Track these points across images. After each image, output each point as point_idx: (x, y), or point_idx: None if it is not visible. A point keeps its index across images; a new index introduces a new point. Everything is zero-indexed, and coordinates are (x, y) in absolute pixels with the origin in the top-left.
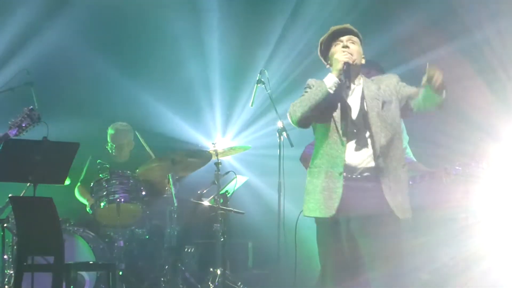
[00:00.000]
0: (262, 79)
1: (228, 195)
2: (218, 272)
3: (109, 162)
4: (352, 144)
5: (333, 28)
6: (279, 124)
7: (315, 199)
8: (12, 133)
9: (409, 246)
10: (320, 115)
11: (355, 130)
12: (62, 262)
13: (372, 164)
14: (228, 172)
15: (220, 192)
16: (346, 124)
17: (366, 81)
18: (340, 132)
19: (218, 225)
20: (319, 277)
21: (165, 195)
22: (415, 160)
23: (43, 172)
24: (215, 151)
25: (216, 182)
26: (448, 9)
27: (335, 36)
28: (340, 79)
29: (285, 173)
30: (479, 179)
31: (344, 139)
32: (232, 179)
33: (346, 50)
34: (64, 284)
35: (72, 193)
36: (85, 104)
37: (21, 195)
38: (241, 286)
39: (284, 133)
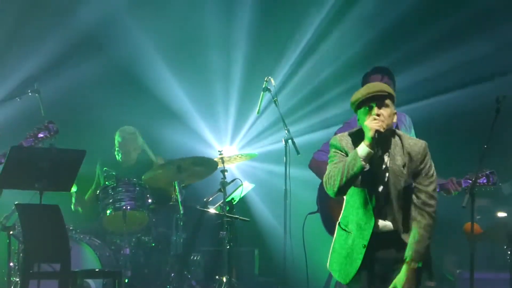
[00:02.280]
0: (268, 87)
1: (234, 203)
2: (224, 279)
3: (116, 168)
4: (377, 214)
5: (369, 91)
6: (285, 131)
7: (338, 261)
8: (25, 144)
9: None
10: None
11: (379, 202)
12: (69, 270)
13: (393, 228)
14: (235, 179)
15: (226, 200)
16: (374, 197)
17: (393, 148)
18: (372, 205)
19: (224, 232)
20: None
21: (171, 203)
22: None
23: (49, 179)
24: (222, 158)
25: (222, 189)
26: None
27: (366, 101)
28: (372, 149)
29: (291, 180)
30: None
31: (375, 213)
32: (238, 187)
33: (378, 119)
34: None
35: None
36: (91, 111)
37: (28, 202)
38: None
39: (290, 141)
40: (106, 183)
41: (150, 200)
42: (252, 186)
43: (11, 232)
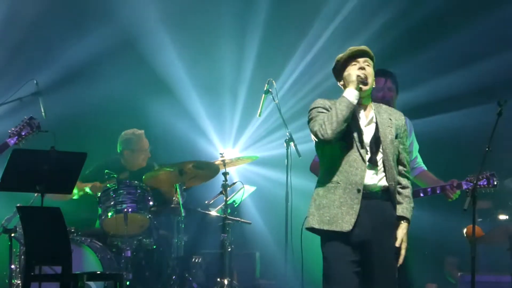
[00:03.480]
0: (270, 89)
1: (235, 205)
2: (226, 282)
3: (119, 171)
4: (368, 164)
5: (352, 49)
6: (287, 134)
7: (332, 213)
8: (11, 141)
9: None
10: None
11: (369, 153)
12: (70, 272)
13: (385, 184)
14: (236, 182)
15: (228, 202)
16: (362, 144)
17: (376, 107)
18: (361, 151)
19: (226, 235)
20: None
21: (172, 205)
22: (425, 168)
23: (50, 182)
24: (223, 161)
25: (223, 192)
26: None
27: (352, 57)
28: (357, 89)
29: (292, 183)
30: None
31: (362, 158)
32: (240, 189)
33: (362, 72)
34: None
35: (80, 203)
36: (94, 114)
37: (29, 204)
38: None
39: (292, 143)
40: (108, 185)
41: (151, 203)
42: (253, 189)
43: (12, 235)
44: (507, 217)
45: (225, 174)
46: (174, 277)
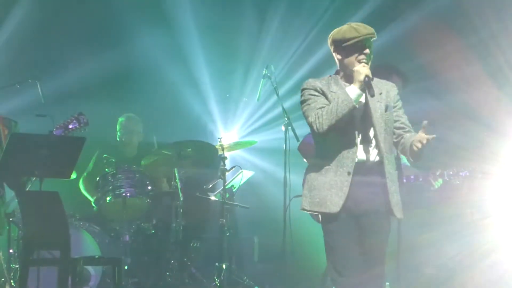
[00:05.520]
0: (269, 74)
1: (234, 190)
2: (224, 266)
3: (117, 156)
4: (358, 142)
5: (363, 32)
6: (285, 119)
7: (322, 195)
8: (57, 133)
9: (416, 241)
10: None
11: (360, 129)
12: (68, 257)
13: (378, 159)
14: (234, 166)
15: (226, 187)
16: (353, 124)
17: None
18: (349, 132)
19: (224, 219)
20: (325, 273)
21: (170, 190)
22: (408, 164)
23: (49, 166)
24: (221, 145)
25: (222, 176)
26: (456, 7)
27: (361, 42)
28: (362, 90)
29: (291, 167)
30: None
31: (358, 140)
32: (238, 174)
33: (365, 59)
34: (70, 278)
35: (78, 188)
36: (92, 99)
37: (27, 189)
38: (247, 281)
39: (290, 128)
40: (106, 170)
41: (150, 187)
42: (251, 174)
43: (10, 219)
44: None
45: (223, 158)
46: (172, 261)
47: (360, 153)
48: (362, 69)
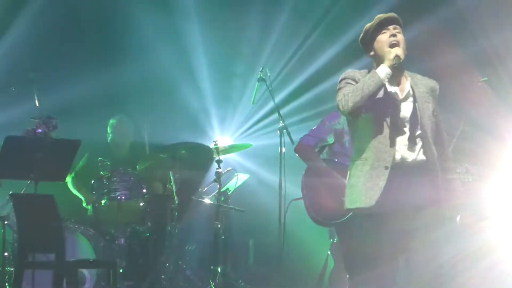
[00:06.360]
0: (263, 77)
1: (229, 193)
2: (219, 270)
3: (110, 158)
4: (402, 140)
5: (380, 16)
6: (280, 122)
7: (357, 190)
8: None
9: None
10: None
11: (405, 128)
12: (63, 260)
13: (422, 159)
14: (229, 169)
15: (221, 190)
16: (396, 120)
17: (412, 78)
18: (391, 127)
19: (219, 223)
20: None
21: (166, 193)
22: None
23: (44, 169)
24: (217, 148)
25: (217, 179)
26: (456, 15)
27: (381, 25)
28: (391, 69)
29: (286, 170)
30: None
31: (395, 134)
32: (233, 177)
33: (394, 39)
34: (64, 281)
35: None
36: (85, 102)
37: (22, 192)
38: (242, 284)
39: (285, 131)
40: (101, 173)
41: (145, 190)
42: (247, 177)
43: (5, 222)
44: None
45: (218, 161)
46: (167, 264)
47: (400, 150)
48: (393, 49)
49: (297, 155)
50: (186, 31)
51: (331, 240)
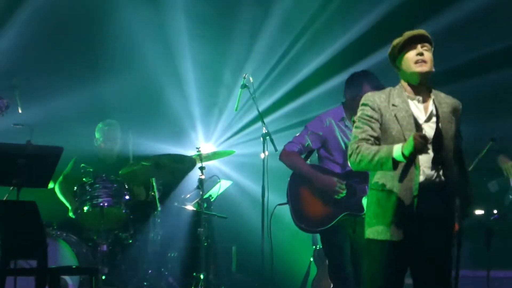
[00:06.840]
0: (247, 84)
1: (211, 200)
2: (202, 276)
3: (96, 163)
4: (424, 163)
5: (408, 33)
6: (263, 129)
7: (386, 223)
8: None
9: None
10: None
11: (430, 152)
12: (45, 266)
13: (443, 181)
14: (212, 176)
15: (204, 197)
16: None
17: (436, 96)
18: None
19: (202, 229)
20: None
21: (148, 199)
22: None
23: (26, 175)
24: (199, 155)
25: (200, 186)
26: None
27: (409, 42)
28: (407, 159)
29: (269, 176)
30: None
31: (418, 161)
32: (216, 184)
33: (420, 58)
34: None
35: (55, 197)
36: (70, 108)
37: (4, 198)
38: None
39: (268, 138)
40: (84, 179)
41: (127, 197)
42: (230, 183)
43: None
44: (482, 212)
45: (201, 168)
46: (150, 271)
47: (426, 174)
48: (416, 141)
49: (282, 162)
50: (172, 39)
51: (314, 247)
